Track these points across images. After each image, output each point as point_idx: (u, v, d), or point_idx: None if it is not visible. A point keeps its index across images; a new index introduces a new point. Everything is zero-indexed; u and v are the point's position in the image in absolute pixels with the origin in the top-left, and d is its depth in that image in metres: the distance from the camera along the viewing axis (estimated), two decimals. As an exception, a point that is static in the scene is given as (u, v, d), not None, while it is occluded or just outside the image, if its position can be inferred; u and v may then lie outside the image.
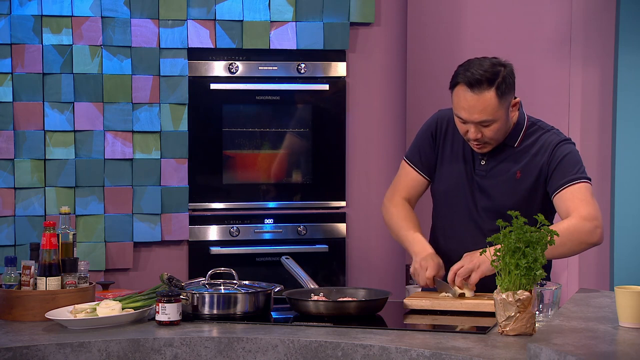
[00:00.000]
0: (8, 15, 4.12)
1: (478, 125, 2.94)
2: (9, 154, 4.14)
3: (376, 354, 2.44)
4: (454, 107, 2.98)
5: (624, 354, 2.08)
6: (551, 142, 3.04)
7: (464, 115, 2.94)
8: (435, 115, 3.22)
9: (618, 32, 4.35)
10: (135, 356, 2.53)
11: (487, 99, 2.90)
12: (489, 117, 2.92)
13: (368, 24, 4.55)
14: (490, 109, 2.91)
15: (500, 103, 2.91)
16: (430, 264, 3.00)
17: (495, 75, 2.90)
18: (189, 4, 4.30)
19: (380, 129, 4.59)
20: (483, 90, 2.89)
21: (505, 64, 2.96)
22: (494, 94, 2.90)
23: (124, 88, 4.24)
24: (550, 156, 3.01)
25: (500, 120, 2.94)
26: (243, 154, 4.47)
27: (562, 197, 2.98)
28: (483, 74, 2.89)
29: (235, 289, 2.88)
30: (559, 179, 2.99)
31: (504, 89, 2.91)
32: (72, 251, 2.95)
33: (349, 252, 4.55)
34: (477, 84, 2.89)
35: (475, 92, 2.90)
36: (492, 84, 2.89)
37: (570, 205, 2.95)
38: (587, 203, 2.94)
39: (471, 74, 2.90)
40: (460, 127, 3.00)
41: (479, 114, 2.91)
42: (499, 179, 3.06)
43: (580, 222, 2.91)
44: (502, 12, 4.53)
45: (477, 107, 2.91)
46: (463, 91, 2.92)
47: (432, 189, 3.23)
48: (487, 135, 2.96)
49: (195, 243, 4.39)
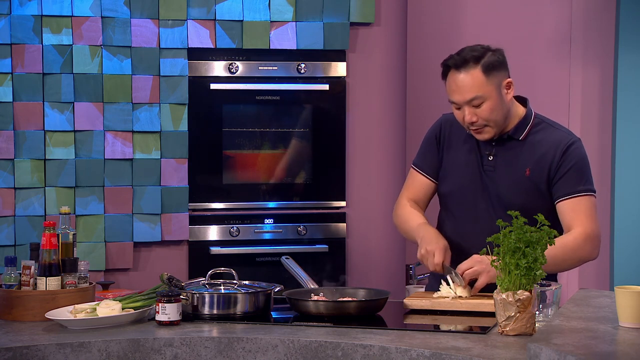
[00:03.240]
0: (8, 15, 4.12)
1: (471, 107, 2.98)
2: (9, 154, 4.14)
3: (376, 354, 2.44)
4: (448, 94, 3.05)
5: (624, 354, 2.08)
6: (561, 141, 3.05)
7: (456, 98, 3.00)
8: (439, 120, 3.26)
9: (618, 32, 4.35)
10: (135, 356, 2.53)
11: (474, 76, 2.97)
12: (478, 93, 2.97)
13: (368, 24, 4.56)
14: (477, 85, 2.97)
15: (487, 79, 2.98)
16: (436, 248, 2.99)
17: (482, 54, 2.99)
18: (189, 4, 4.30)
19: (380, 129, 4.59)
20: (469, 68, 2.98)
21: (495, 49, 3.04)
22: (480, 70, 2.97)
23: (124, 88, 4.24)
24: (560, 158, 3.03)
25: (491, 99, 2.98)
26: (243, 154, 4.47)
27: (566, 206, 3.02)
28: (469, 53, 3.00)
29: (235, 289, 2.88)
30: (566, 187, 3.02)
31: (490, 65, 2.99)
32: (72, 251, 2.95)
33: (349, 252, 4.55)
34: (464, 63, 2.98)
35: (462, 72, 2.98)
36: (478, 61, 2.98)
37: (574, 217, 3.00)
38: (590, 219, 3.01)
39: (459, 56, 3.01)
40: (457, 114, 3.05)
41: (469, 92, 2.98)
42: (508, 174, 3.07)
43: (582, 241, 2.98)
44: (502, 12, 4.53)
45: (466, 86, 2.98)
46: (453, 75, 3.01)
47: (440, 190, 3.23)
48: (482, 116, 2.99)
49: (195, 243, 4.39)
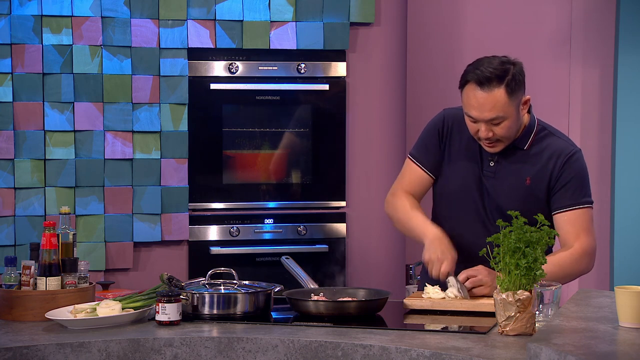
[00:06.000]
0: (8, 15, 4.12)
1: (489, 124, 2.94)
2: (9, 154, 4.14)
3: (376, 354, 2.44)
4: (464, 107, 2.98)
5: (624, 354, 2.08)
6: (563, 151, 3.03)
7: (475, 114, 2.93)
8: (441, 114, 3.20)
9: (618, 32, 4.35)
10: (135, 356, 2.53)
11: (497, 96, 2.90)
12: (500, 114, 2.92)
13: (368, 24, 4.56)
14: (500, 106, 2.91)
15: (510, 100, 2.91)
16: (447, 258, 2.97)
17: (504, 73, 2.91)
18: (189, 4, 4.30)
19: (380, 129, 4.59)
20: (493, 87, 2.90)
21: (515, 62, 2.97)
22: (504, 90, 2.90)
23: (124, 88, 4.24)
24: (561, 169, 3.01)
25: (511, 118, 2.94)
26: (243, 154, 4.47)
27: (564, 219, 3.01)
28: (493, 72, 2.90)
29: (235, 289, 2.88)
30: (565, 199, 3.02)
31: (514, 86, 2.92)
32: (72, 251, 2.95)
33: (349, 252, 4.55)
34: (487, 81, 2.90)
35: (485, 90, 2.90)
36: (501, 81, 2.90)
37: (571, 231, 3.00)
38: (588, 233, 3.02)
39: (481, 72, 2.91)
40: (471, 126, 2.99)
41: (490, 111, 2.91)
42: (508, 182, 3.05)
43: (579, 257, 2.99)
44: (502, 12, 4.53)
45: (487, 105, 2.91)
46: (473, 89, 2.92)
47: (437, 188, 3.20)
48: (498, 133, 2.95)
49: (195, 243, 4.39)
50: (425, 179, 3.19)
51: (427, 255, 3.01)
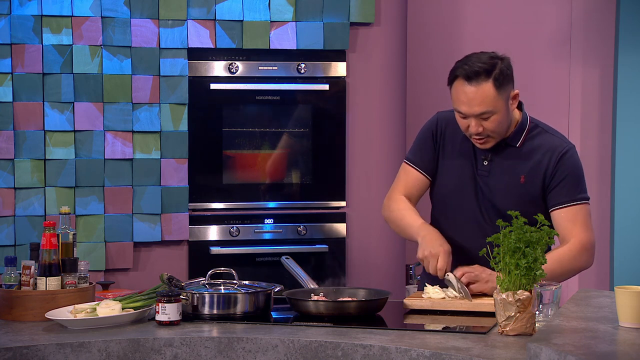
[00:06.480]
0: (8, 15, 4.12)
1: (478, 119, 2.95)
2: (9, 154, 4.14)
3: (376, 354, 2.44)
4: (454, 102, 2.99)
5: (624, 354, 2.08)
6: (556, 148, 3.04)
7: (464, 109, 2.95)
8: (435, 117, 3.22)
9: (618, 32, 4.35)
10: (135, 356, 2.53)
11: (485, 90, 2.92)
12: (489, 108, 2.93)
13: (368, 24, 4.56)
14: (489, 100, 2.93)
15: (498, 94, 2.93)
16: (440, 252, 2.97)
17: (492, 67, 2.94)
18: (189, 4, 4.30)
19: (380, 129, 4.59)
20: (481, 81, 2.92)
21: (502, 57, 3.00)
22: (492, 84, 2.92)
23: (124, 88, 4.24)
24: (555, 166, 3.01)
25: (500, 112, 2.95)
26: (243, 154, 4.47)
27: (561, 216, 3.02)
28: (481, 66, 2.93)
29: (235, 289, 2.88)
30: (562, 196, 3.02)
31: (502, 79, 2.94)
32: (72, 251, 2.95)
33: (349, 252, 4.55)
34: (475, 75, 2.92)
35: (473, 84, 2.93)
36: (489, 75, 2.92)
37: (569, 227, 3.01)
38: (586, 228, 3.02)
39: (469, 67, 2.94)
40: (461, 122, 3.01)
41: (479, 106, 2.93)
42: (502, 180, 3.06)
43: (578, 253, 3.00)
44: (502, 12, 4.53)
45: (476, 99, 2.93)
46: (462, 85, 2.95)
47: (433, 190, 3.21)
48: (488, 128, 2.97)
49: (195, 243, 4.39)
50: (421, 181, 3.20)
51: (420, 252, 3.01)
